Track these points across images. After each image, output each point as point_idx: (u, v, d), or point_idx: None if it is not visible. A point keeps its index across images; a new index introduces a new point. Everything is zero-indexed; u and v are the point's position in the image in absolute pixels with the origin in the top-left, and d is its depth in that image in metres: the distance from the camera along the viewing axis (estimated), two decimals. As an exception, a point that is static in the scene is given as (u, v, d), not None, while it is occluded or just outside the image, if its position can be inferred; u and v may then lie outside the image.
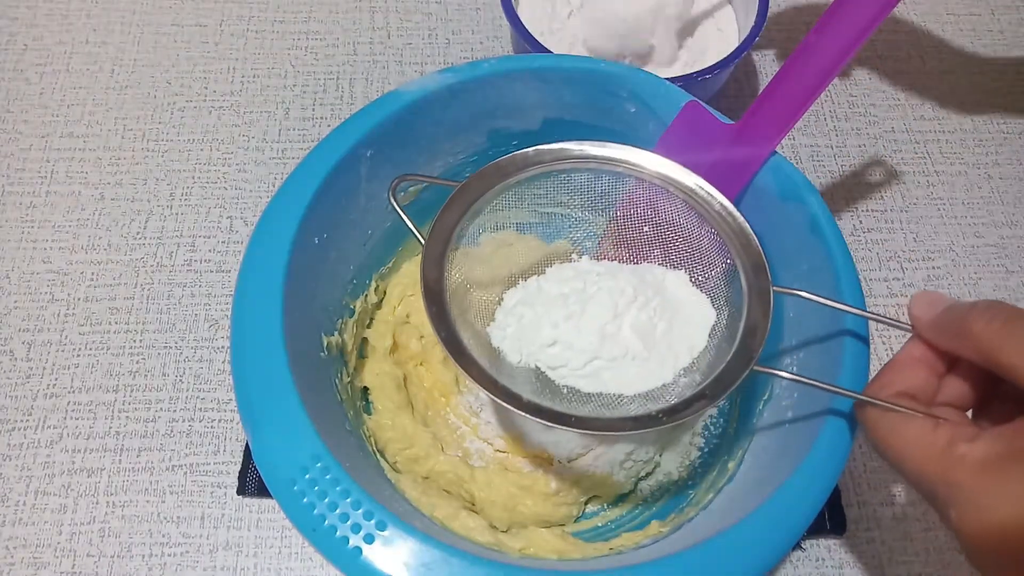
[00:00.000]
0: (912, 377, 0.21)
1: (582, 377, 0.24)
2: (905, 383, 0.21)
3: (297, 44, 0.44)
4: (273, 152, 0.40)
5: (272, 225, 0.26)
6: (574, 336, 0.24)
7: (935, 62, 0.44)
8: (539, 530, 0.28)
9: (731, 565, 0.21)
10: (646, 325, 0.24)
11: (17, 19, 0.44)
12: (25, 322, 0.35)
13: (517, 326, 0.25)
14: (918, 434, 0.19)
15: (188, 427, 0.33)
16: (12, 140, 0.40)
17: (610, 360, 0.24)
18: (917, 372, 0.21)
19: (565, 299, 0.25)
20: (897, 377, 0.21)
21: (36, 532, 0.31)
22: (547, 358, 0.24)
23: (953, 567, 0.31)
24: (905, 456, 0.20)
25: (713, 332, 0.25)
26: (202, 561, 0.30)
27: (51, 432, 0.33)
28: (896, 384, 0.21)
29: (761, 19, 0.36)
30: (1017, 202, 0.40)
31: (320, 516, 0.21)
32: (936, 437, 0.19)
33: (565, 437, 0.29)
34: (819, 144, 0.42)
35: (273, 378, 0.23)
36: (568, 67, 0.30)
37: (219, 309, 0.36)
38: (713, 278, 0.25)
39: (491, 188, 0.25)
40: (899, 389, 0.21)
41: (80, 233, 0.38)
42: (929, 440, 0.19)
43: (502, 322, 0.26)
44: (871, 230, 0.39)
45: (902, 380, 0.21)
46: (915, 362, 0.21)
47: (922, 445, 0.19)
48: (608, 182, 0.26)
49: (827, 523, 0.31)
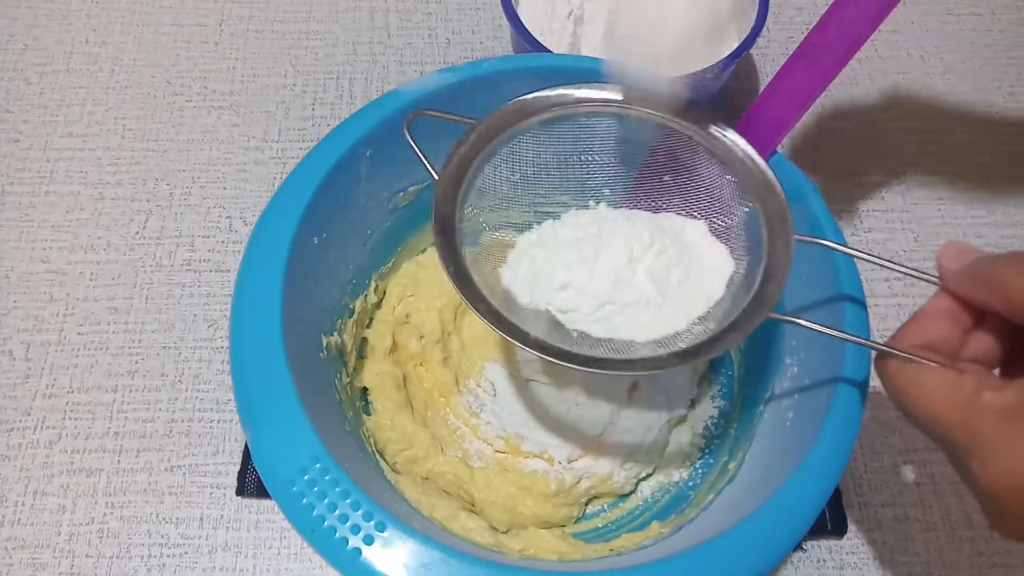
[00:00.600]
0: (937, 329, 0.20)
1: (594, 322, 0.23)
2: (929, 335, 0.20)
3: (297, 44, 0.44)
4: (273, 152, 0.40)
5: (271, 225, 0.26)
6: (587, 280, 0.23)
7: (936, 62, 0.44)
8: (539, 531, 0.28)
9: (732, 566, 0.21)
10: (661, 272, 0.24)
11: (17, 19, 0.44)
12: (24, 322, 0.35)
13: (529, 267, 0.24)
14: (941, 383, 0.19)
15: (187, 427, 0.33)
16: (12, 140, 0.40)
17: (623, 306, 0.23)
18: (942, 324, 0.20)
19: (579, 243, 0.24)
20: (921, 329, 0.20)
21: (35, 533, 0.31)
22: (559, 301, 0.23)
23: (955, 568, 0.31)
24: (925, 404, 0.19)
25: (731, 282, 0.24)
26: (201, 562, 0.30)
27: (50, 432, 0.33)
28: (920, 335, 0.20)
29: (761, 19, 0.36)
30: (1018, 202, 0.40)
31: (319, 517, 0.21)
32: (960, 385, 0.18)
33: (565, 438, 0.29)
34: (819, 144, 0.41)
35: (272, 378, 0.23)
36: (568, 67, 0.30)
37: (218, 309, 0.36)
38: (734, 227, 0.25)
39: (509, 127, 0.24)
40: (923, 340, 0.20)
41: (79, 233, 0.38)
42: (952, 388, 0.18)
43: (514, 263, 0.25)
44: (872, 230, 0.39)
45: (926, 332, 0.20)
46: (940, 314, 0.20)
47: (944, 393, 0.18)
48: (630, 129, 0.25)
49: (828, 524, 0.31)
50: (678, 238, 0.25)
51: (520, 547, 0.27)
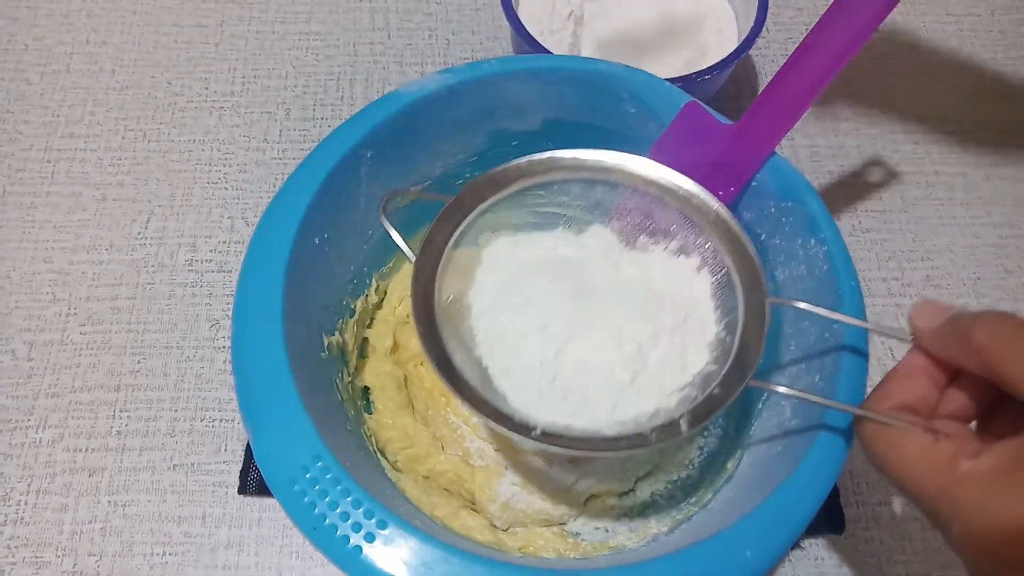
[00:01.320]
0: (913, 388, 0.20)
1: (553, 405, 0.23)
2: (905, 395, 0.20)
3: (298, 45, 0.44)
4: (274, 152, 0.40)
5: (273, 225, 0.26)
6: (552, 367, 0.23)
7: (934, 63, 0.45)
8: (538, 529, 0.28)
9: (730, 564, 0.21)
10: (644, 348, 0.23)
11: (17, 19, 0.44)
12: (27, 322, 0.35)
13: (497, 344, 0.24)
14: (918, 449, 0.19)
15: (189, 426, 0.33)
16: (13, 140, 0.40)
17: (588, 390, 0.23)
18: (918, 383, 0.20)
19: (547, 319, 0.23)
20: (897, 388, 0.21)
21: (38, 531, 0.31)
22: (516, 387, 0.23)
23: (952, 567, 0.31)
24: (905, 472, 0.19)
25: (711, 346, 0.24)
26: (203, 560, 0.30)
27: (53, 431, 0.33)
28: (896, 396, 0.20)
29: (761, 20, 0.37)
30: (1016, 202, 0.40)
31: (321, 515, 0.21)
32: (937, 452, 0.19)
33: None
34: (818, 144, 0.42)
35: (274, 378, 0.23)
36: (568, 68, 0.30)
37: (220, 309, 0.36)
38: (711, 287, 0.25)
39: (483, 201, 0.25)
40: (899, 401, 0.20)
41: (81, 233, 0.38)
42: (930, 456, 0.19)
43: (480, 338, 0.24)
44: (870, 230, 0.39)
45: (902, 391, 0.20)
46: (916, 372, 0.21)
47: (923, 461, 0.19)
48: (602, 192, 0.26)
49: (826, 522, 0.31)
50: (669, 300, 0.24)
51: (520, 545, 0.28)
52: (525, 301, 0.24)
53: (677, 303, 0.25)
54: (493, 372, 0.23)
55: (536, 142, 0.27)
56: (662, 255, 0.26)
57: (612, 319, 0.24)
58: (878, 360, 0.35)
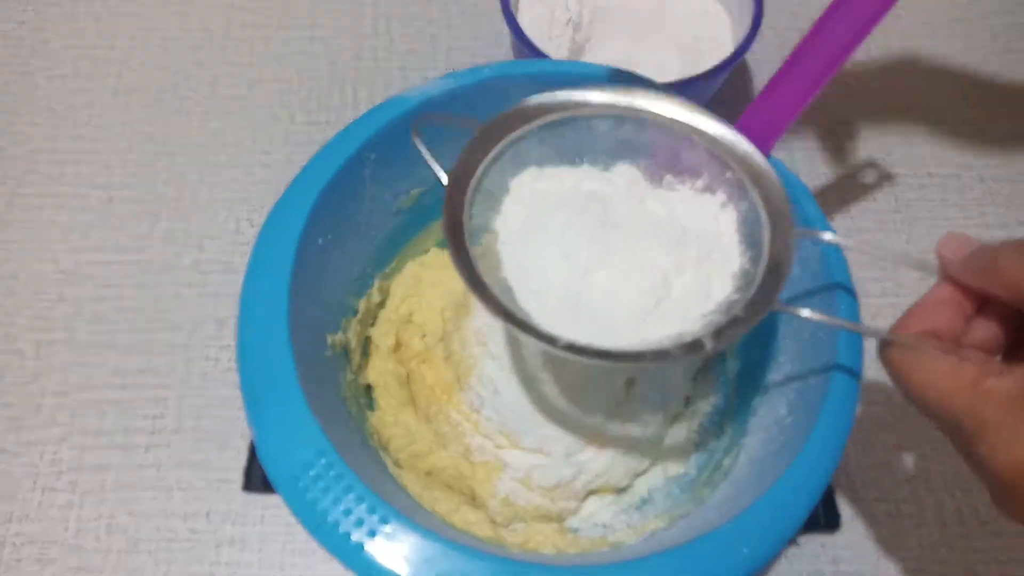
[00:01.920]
0: (939, 317, 0.20)
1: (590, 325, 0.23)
2: (931, 322, 0.20)
3: (302, 50, 0.44)
4: (279, 155, 0.41)
5: (278, 227, 0.26)
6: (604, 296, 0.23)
7: (928, 65, 0.45)
8: (538, 525, 0.29)
9: (727, 560, 0.21)
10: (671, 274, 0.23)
11: (24, 23, 0.45)
12: (34, 322, 0.36)
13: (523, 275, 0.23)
14: (943, 369, 0.19)
15: (195, 424, 0.34)
16: (20, 143, 0.41)
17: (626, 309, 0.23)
18: (944, 312, 0.20)
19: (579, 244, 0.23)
20: (923, 316, 0.20)
21: (43, 528, 0.31)
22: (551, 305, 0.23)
23: (947, 564, 0.32)
24: (929, 391, 0.19)
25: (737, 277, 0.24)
26: (208, 556, 0.31)
27: (59, 430, 0.33)
28: (921, 323, 0.20)
29: (756, 25, 0.37)
30: (1009, 204, 0.41)
31: (324, 511, 0.21)
32: (963, 372, 0.18)
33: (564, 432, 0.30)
34: (813, 147, 0.42)
35: (278, 376, 0.23)
36: (567, 72, 0.30)
37: (225, 309, 0.36)
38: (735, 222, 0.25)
39: (513, 130, 0.25)
40: (925, 327, 0.20)
41: (88, 234, 0.38)
42: (956, 374, 0.18)
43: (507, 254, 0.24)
44: (864, 231, 0.40)
45: (927, 319, 0.20)
46: (942, 302, 0.20)
47: (948, 379, 0.18)
48: (630, 130, 0.26)
49: (822, 519, 0.31)
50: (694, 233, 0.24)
51: (520, 541, 0.28)
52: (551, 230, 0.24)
53: (702, 237, 0.25)
54: (519, 293, 0.23)
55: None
56: (688, 193, 0.26)
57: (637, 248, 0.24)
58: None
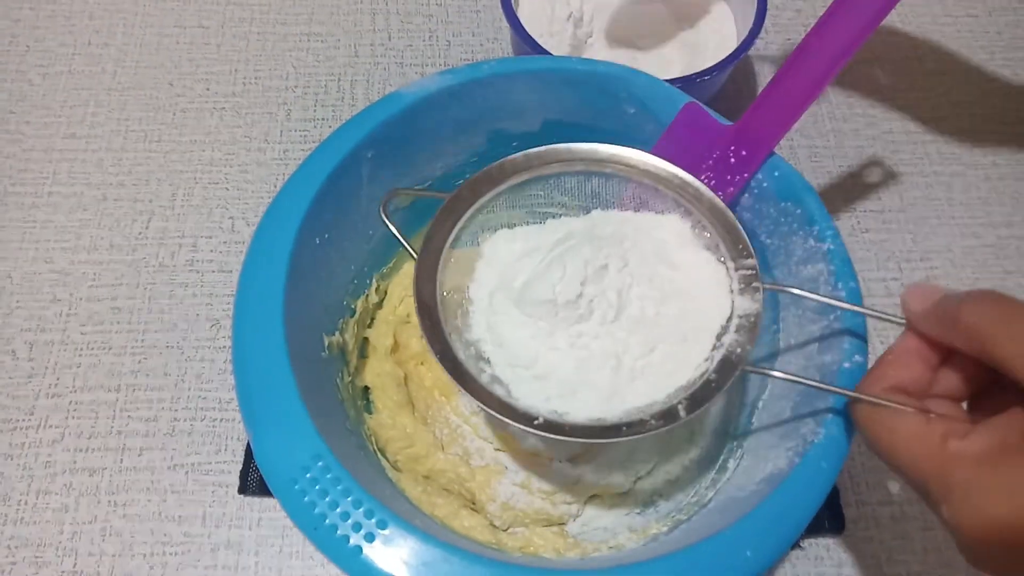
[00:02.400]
0: (906, 370, 0.21)
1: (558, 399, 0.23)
2: (899, 376, 0.21)
3: (298, 46, 0.44)
4: (275, 153, 0.41)
5: (274, 225, 0.26)
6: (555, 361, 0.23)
7: (932, 63, 0.45)
8: (539, 529, 0.28)
9: (730, 564, 0.21)
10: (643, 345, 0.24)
11: (19, 20, 0.44)
12: (27, 322, 0.35)
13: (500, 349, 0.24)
14: (911, 430, 0.19)
15: (190, 426, 0.33)
16: (14, 141, 0.40)
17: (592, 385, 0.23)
18: (911, 365, 0.21)
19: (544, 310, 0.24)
20: (890, 371, 0.21)
21: (38, 531, 0.31)
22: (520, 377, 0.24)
23: (952, 567, 0.31)
24: (898, 453, 0.20)
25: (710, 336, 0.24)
26: (203, 560, 0.30)
27: (53, 431, 0.33)
28: (889, 378, 0.21)
29: (759, 21, 0.37)
30: (1015, 202, 0.40)
31: (321, 515, 0.21)
32: (929, 433, 0.19)
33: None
34: (817, 145, 0.42)
35: (274, 377, 0.23)
36: (567, 69, 0.30)
37: (221, 309, 0.36)
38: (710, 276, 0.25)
39: (482, 196, 0.25)
40: (892, 383, 0.21)
41: (82, 233, 0.38)
42: (922, 436, 0.19)
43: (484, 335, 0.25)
44: (869, 230, 0.39)
45: (895, 374, 0.21)
46: (909, 354, 0.21)
47: (915, 442, 0.19)
48: (598, 183, 0.26)
49: (825, 522, 0.31)
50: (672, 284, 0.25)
51: (520, 545, 0.28)
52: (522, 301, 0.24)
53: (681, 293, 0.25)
54: (495, 363, 0.24)
55: (536, 143, 0.27)
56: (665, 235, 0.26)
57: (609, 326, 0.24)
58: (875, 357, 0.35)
